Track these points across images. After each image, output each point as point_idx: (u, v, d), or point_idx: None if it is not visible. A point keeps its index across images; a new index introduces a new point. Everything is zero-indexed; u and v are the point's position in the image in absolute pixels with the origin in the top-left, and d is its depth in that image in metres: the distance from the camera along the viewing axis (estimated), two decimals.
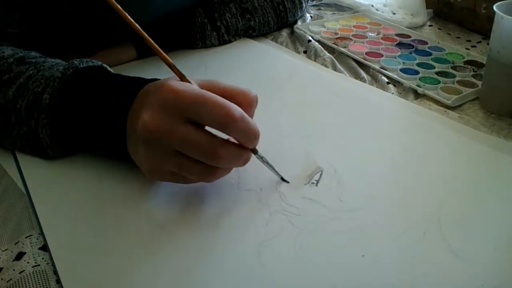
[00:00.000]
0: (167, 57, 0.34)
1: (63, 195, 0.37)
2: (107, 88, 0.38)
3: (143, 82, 0.37)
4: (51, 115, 0.38)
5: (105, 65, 0.42)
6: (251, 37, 0.70)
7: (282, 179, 0.39)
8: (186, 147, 0.32)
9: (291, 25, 0.75)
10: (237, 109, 0.31)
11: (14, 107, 0.39)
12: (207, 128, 0.32)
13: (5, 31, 0.49)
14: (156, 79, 0.36)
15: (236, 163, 0.34)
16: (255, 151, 0.36)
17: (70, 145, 0.41)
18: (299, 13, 0.75)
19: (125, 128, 0.35)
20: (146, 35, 0.33)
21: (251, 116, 0.35)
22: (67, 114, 0.39)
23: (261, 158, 0.37)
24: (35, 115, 0.39)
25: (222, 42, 0.67)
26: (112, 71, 0.42)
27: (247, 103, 0.34)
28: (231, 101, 0.32)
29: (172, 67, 0.34)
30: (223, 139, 0.33)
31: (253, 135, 0.33)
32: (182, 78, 0.34)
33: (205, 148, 0.31)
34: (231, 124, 0.31)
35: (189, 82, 0.34)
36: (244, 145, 0.34)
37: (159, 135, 0.31)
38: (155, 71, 0.58)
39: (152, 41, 0.34)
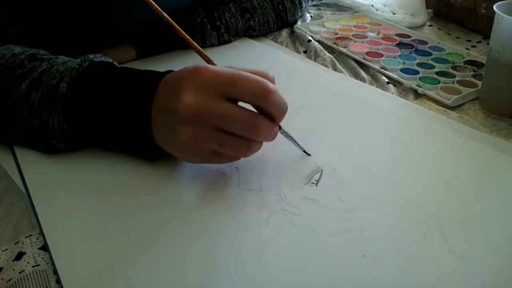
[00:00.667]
0: (194, 43, 0.38)
1: (63, 195, 0.37)
2: (124, 80, 0.39)
3: (160, 74, 0.39)
4: (66, 103, 0.38)
5: (115, 62, 0.43)
6: (251, 37, 0.70)
7: (305, 151, 0.42)
8: (228, 122, 0.34)
9: (291, 25, 0.75)
10: (270, 83, 0.34)
11: (27, 100, 0.39)
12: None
13: (8, 32, 0.49)
14: (171, 71, 0.38)
15: (269, 137, 0.36)
16: (280, 127, 0.38)
17: (77, 137, 0.40)
18: (299, 13, 0.75)
19: (150, 116, 0.36)
20: (174, 22, 0.37)
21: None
22: (83, 104, 0.39)
23: (285, 133, 0.40)
24: (48, 107, 0.39)
25: (222, 42, 0.67)
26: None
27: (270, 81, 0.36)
28: None
29: (200, 52, 0.38)
30: (258, 113, 0.35)
31: (285, 108, 0.36)
32: (209, 61, 0.37)
33: (245, 121, 0.34)
34: (268, 96, 0.34)
35: (216, 65, 0.36)
36: (275, 119, 0.36)
37: (202, 114, 0.33)
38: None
39: (181, 29, 0.38)
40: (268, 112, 0.35)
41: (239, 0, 0.68)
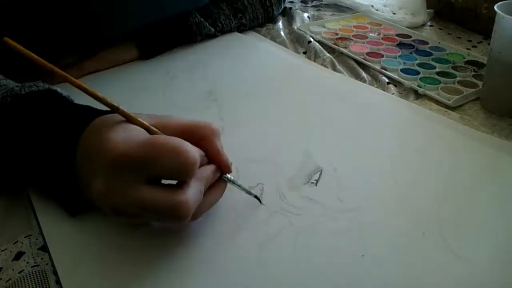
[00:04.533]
0: (108, 99, 0.30)
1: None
2: (48, 124, 0.34)
3: (88, 119, 0.33)
4: None
5: (53, 88, 0.38)
6: (242, 32, 0.72)
7: (256, 197, 0.36)
8: (148, 211, 0.29)
9: (274, 18, 0.79)
10: (192, 154, 0.29)
11: None
12: None
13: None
14: (106, 112, 0.32)
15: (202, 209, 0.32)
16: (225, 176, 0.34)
17: None
18: (282, 5, 0.79)
19: (75, 179, 0.32)
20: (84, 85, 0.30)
21: (221, 147, 0.33)
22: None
23: (231, 181, 0.35)
24: None
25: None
26: (62, 94, 0.37)
27: (212, 134, 0.33)
28: (191, 137, 0.31)
29: (115, 109, 0.30)
30: (183, 187, 0.29)
31: (224, 160, 0.33)
32: (131, 118, 0.30)
33: (170, 210, 0.28)
34: (191, 171, 0.29)
35: (137, 121, 0.31)
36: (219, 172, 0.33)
37: (117, 204, 0.29)
38: (155, 71, 0.58)
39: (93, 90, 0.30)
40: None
41: (231, 0, 0.70)
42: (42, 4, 0.50)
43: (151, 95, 0.53)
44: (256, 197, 0.36)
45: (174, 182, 0.30)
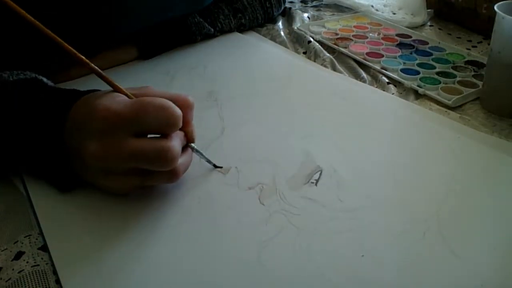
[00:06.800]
0: (94, 67, 0.33)
1: (63, 195, 0.37)
2: (36, 106, 0.36)
3: (76, 97, 0.35)
4: None
5: (40, 77, 0.40)
6: (242, 32, 0.72)
7: (215, 165, 0.40)
8: (139, 160, 0.32)
9: (274, 19, 0.79)
10: (176, 108, 0.33)
11: None
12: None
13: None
14: (93, 90, 0.36)
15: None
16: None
17: None
18: (282, 7, 0.79)
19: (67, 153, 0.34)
20: (64, 43, 0.32)
21: (192, 119, 0.37)
22: None
23: (196, 150, 0.38)
24: None
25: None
26: (48, 83, 0.39)
27: (186, 106, 0.35)
28: None
29: (101, 75, 0.33)
30: (167, 139, 0.33)
31: (192, 137, 0.36)
32: (114, 86, 0.34)
33: (156, 151, 0.32)
34: (176, 123, 0.32)
35: (122, 89, 0.34)
36: (189, 137, 0.36)
37: (112, 161, 0.32)
38: (155, 71, 0.58)
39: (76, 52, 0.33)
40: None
41: (230, 0, 0.70)
42: (43, 4, 0.50)
43: None
44: (215, 165, 0.40)
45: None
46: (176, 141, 0.33)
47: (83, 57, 0.33)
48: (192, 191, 0.38)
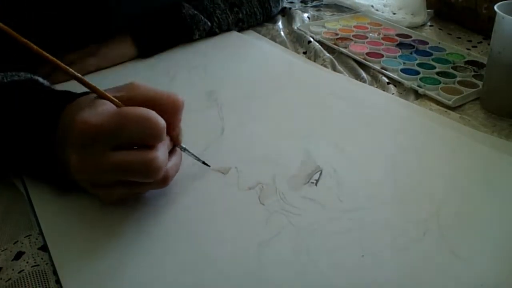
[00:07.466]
0: (74, 72, 0.31)
1: (62, 195, 0.37)
2: (28, 109, 0.36)
3: (66, 103, 0.34)
4: None
5: (35, 77, 0.39)
6: (241, 29, 0.72)
7: (204, 163, 0.40)
8: (123, 173, 0.31)
9: (274, 17, 0.78)
10: (159, 119, 0.31)
11: None
12: None
13: None
14: (84, 93, 0.35)
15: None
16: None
17: None
18: (281, 4, 0.79)
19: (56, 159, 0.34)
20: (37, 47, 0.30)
21: (180, 121, 0.35)
22: None
23: (185, 149, 0.38)
24: None
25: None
26: (44, 83, 0.39)
27: (174, 108, 0.34)
28: (155, 108, 0.32)
29: (82, 81, 0.32)
30: (151, 150, 0.32)
31: (177, 140, 0.36)
32: (98, 92, 0.32)
33: (142, 163, 0.31)
34: (158, 136, 0.31)
35: (105, 95, 0.32)
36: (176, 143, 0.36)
37: (92, 174, 0.31)
38: (155, 71, 0.58)
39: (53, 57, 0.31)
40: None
41: None
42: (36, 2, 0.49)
43: None
44: (204, 163, 0.39)
45: None
46: (160, 151, 0.32)
47: (65, 65, 0.31)
48: (192, 191, 0.38)
